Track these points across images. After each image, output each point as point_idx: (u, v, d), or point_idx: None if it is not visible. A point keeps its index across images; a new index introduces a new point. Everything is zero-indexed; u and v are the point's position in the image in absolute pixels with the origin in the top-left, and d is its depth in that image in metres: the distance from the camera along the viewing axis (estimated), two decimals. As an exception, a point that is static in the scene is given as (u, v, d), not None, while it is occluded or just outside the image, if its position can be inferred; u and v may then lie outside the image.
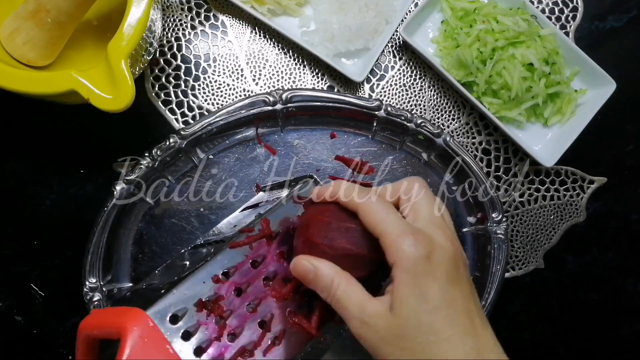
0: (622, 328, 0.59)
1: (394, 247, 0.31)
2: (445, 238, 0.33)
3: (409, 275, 0.30)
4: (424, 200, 0.34)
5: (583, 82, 0.55)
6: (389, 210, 0.33)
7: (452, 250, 0.32)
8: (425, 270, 0.31)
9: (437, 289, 0.31)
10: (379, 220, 0.32)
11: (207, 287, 0.36)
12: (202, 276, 0.36)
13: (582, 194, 0.58)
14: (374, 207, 0.33)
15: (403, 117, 0.51)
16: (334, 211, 0.35)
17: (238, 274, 0.38)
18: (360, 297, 0.32)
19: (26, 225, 0.51)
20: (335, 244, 0.34)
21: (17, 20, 0.45)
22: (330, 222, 0.35)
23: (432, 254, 0.31)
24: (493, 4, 0.54)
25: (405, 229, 0.32)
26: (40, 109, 0.50)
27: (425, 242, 0.31)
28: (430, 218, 0.33)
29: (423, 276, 0.31)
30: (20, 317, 0.50)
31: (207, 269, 0.37)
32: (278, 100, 0.49)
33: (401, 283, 0.31)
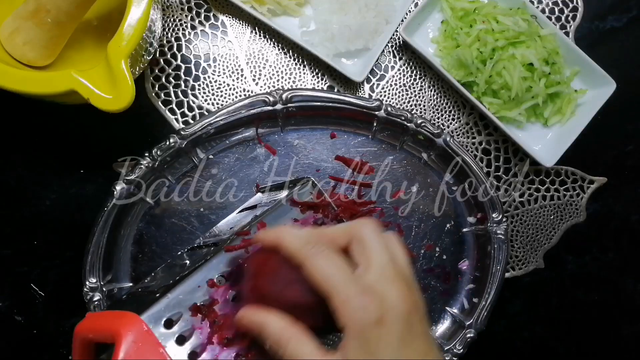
0: (622, 328, 0.59)
1: (342, 311, 0.29)
2: (398, 295, 0.30)
3: (359, 343, 0.29)
4: (376, 247, 0.32)
5: (583, 82, 0.55)
6: (336, 266, 0.31)
7: (405, 309, 0.30)
8: (376, 336, 0.29)
9: (390, 354, 0.29)
10: (325, 278, 0.30)
11: (202, 292, 0.36)
12: (198, 280, 0.36)
13: (582, 194, 0.58)
14: (319, 263, 0.31)
15: (403, 117, 0.51)
16: (279, 258, 0.33)
17: (233, 278, 0.38)
18: (313, 353, 0.30)
19: (26, 225, 0.51)
20: (284, 294, 0.32)
21: (17, 20, 0.45)
22: (279, 270, 0.33)
23: (383, 318, 0.29)
24: (493, 4, 0.54)
25: (353, 290, 0.30)
26: (40, 109, 0.50)
27: (375, 304, 0.29)
28: (383, 270, 0.31)
29: (374, 343, 0.29)
30: (20, 317, 0.50)
31: (202, 273, 0.37)
32: (278, 100, 0.49)
33: (351, 349, 0.29)
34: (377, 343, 0.29)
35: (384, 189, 0.52)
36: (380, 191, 0.52)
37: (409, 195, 0.53)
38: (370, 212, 0.52)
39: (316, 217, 0.44)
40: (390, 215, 0.52)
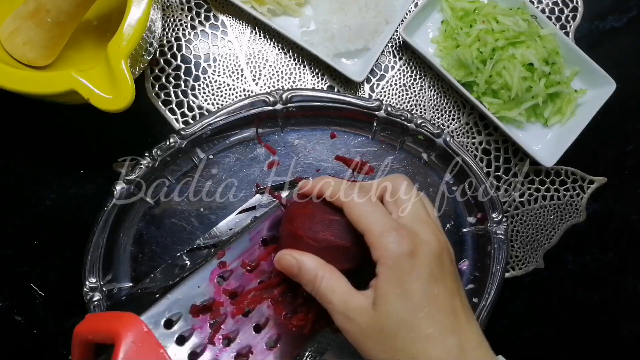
0: (622, 328, 0.59)
1: (377, 244, 0.31)
2: (430, 233, 0.32)
3: (391, 272, 0.31)
4: (409, 197, 0.34)
5: (583, 82, 0.55)
6: (374, 207, 0.33)
7: (437, 246, 0.32)
8: (408, 267, 0.31)
9: (419, 286, 0.31)
10: (364, 215, 0.32)
11: (201, 292, 0.36)
12: (197, 281, 0.36)
13: (582, 194, 0.58)
14: (358, 203, 0.33)
15: (403, 117, 0.51)
16: (317, 204, 0.36)
17: (233, 277, 0.38)
18: (344, 291, 0.32)
19: (26, 225, 0.51)
20: (319, 237, 0.34)
21: (17, 20, 0.45)
22: (314, 215, 0.35)
23: (415, 251, 0.31)
24: (493, 4, 0.54)
25: (389, 225, 0.32)
26: (40, 109, 0.50)
27: (409, 239, 0.31)
28: (416, 214, 0.33)
29: (406, 273, 0.31)
30: (20, 317, 0.50)
31: (201, 274, 0.37)
32: (278, 100, 0.49)
33: (384, 280, 0.31)
34: (409, 275, 0.30)
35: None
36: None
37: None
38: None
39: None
40: (390, 215, 0.52)
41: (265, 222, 0.41)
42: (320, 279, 0.32)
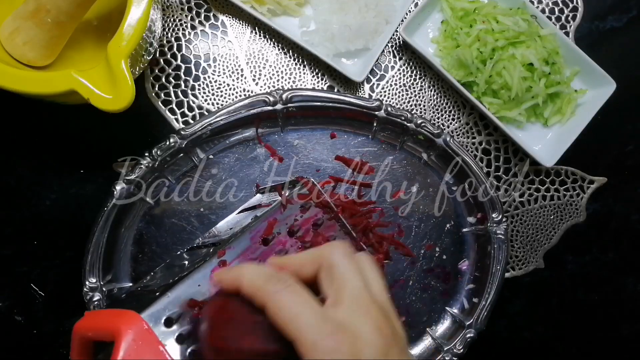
0: (622, 328, 0.59)
1: (311, 356, 0.26)
2: (373, 328, 0.28)
3: None
4: (347, 274, 0.30)
5: (583, 82, 0.55)
6: (302, 303, 0.28)
7: (382, 344, 0.28)
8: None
9: None
10: (290, 319, 0.27)
11: (201, 290, 0.36)
12: (197, 279, 0.36)
13: (582, 194, 0.58)
14: (283, 302, 0.28)
15: (403, 117, 0.51)
16: (237, 302, 0.30)
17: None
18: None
19: (26, 225, 0.51)
20: (242, 345, 0.29)
21: (17, 20, 0.45)
22: (235, 317, 0.30)
23: (357, 355, 0.27)
24: (493, 4, 0.54)
25: (322, 330, 0.27)
26: (40, 109, 0.50)
27: (348, 345, 0.27)
28: (355, 299, 0.29)
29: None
30: (20, 317, 0.50)
31: (202, 272, 0.37)
32: (278, 100, 0.49)
33: None
34: None
35: (384, 189, 0.52)
36: (380, 191, 0.52)
37: (409, 195, 0.53)
38: (370, 212, 0.52)
39: (317, 217, 0.44)
40: (390, 215, 0.52)
41: (265, 222, 0.41)
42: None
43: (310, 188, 0.45)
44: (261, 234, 0.41)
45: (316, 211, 0.44)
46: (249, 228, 0.41)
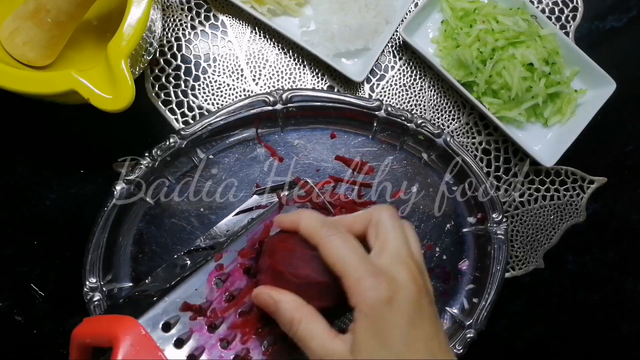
0: (622, 328, 0.59)
1: (354, 290, 0.30)
2: (409, 277, 0.31)
3: (369, 320, 0.30)
4: (392, 231, 0.33)
5: (583, 82, 0.55)
6: (350, 248, 0.32)
7: (415, 290, 0.31)
8: (386, 315, 0.30)
9: (398, 334, 0.30)
10: (339, 259, 0.31)
11: (199, 294, 0.36)
12: (194, 283, 0.36)
13: (582, 194, 0.58)
14: (334, 244, 0.32)
15: (403, 117, 0.51)
16: (298, 238, 0.34)
17: (230, 280, 0.38)
18: (322, 336, 0.31)
19: (26, 226, 0.51)
20: (299, 272, 0.33)
21: (17, 20, 0.45)
22: (295, 250, 0.34)
23: (393, 298, 0.30)
24: (493, 4, 0.54)
25: (366, 270, 0.30)
26: (40, 109, 0.50)
27: (387, 285, 0.30)
28: (396, 253, 0.32)
29: (383, 322, 0.30)
30: (20, 317, 0.50)
31: (199, 276, 0.37)
32: (278, 100, 0.49)
33: (361, 327, 0.30)
34: (387, 322, 0.30)
35: (384, 189, 0.52)
36: (380, 191, 0.52)
37: (409, 195, 0.53)
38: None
39: None
40: (390, 215, 0.52)
41: (262, 224, 0.41)
42: (298, 322, 0.31)
43: (307, 190, 0.45)
44: (258, 237, 0.41)
45: None
46: (247, 230, 0.41)
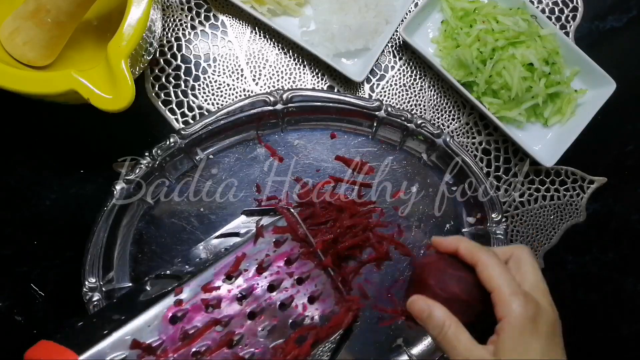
0: (622, 328, 0.59)
1: (505, 303, 0.34)
2: (549, 304, 0.36)
3: (516, 331, 0.34)
4: (531, 267, 0.37)
5: (583, 82, 0.55)
6: (504, 269, 0.36)
7: (554, 316, 0.36)
8: (530, 329, 0.34)
9: (539, 347, 0.34)
10: (495, 276, 0.35)
11: (151, 331, 0.35)
12: (149, 318, 0.35)
13: (582, 194, 0.58)
14: (492, 262, 0.36)
15: (403, 118, 0.51)
16: (450, 261, 0.39)
17: (188, 317, 0.37)
18: (468, 342, 0.35)
19: (26, 226, 0.51)
20: (448, 288, 0.38)
21: (17, 20, 0.45)
22: (446, 269, 0.39)
23: (537, 316, 0.34)
24: (493, 4, 0.54)
25: (516, 289, 0.35)
26: (40, 109, 0.50)
27: (533, 305, 0.35)
28: (537, 284, 0.37)
29: (527, 334, 0.34)
30: (20, 317, 0.50)
31: (155, 311, 0.36)
32: (278, 100, 0.49)
33: (508, 336, 0.34)
34: (531, 336, 0.34)
35: (384, 189, 0.52)
36: (380, 191, 0.52)
37: (409, 196, 0.53)
38: (370, 212, 0.52)
39: (292, 252, 0.43)
40: (390, 215, 0.52)
41: (234, 256, 0.40)
42: (448, 326, 0.36)
43: (289, 220, 0.43)
44: (227, 270, 0.40)
45: (292, 245, 0.43)
46: (214, 263, 0.40)
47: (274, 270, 0.41)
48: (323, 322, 0.42)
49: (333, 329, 0.42)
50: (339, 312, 0.42)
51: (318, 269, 0.43)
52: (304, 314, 0.41)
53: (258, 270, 0.41)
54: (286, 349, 0.39)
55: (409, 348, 0.51)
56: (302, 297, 0.42)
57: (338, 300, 0.43)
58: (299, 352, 0.39)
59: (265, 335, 0.39)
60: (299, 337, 0.40)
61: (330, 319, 0.42)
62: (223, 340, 0.38)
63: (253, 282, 0.40)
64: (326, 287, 0.43)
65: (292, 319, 0.41)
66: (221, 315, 0.38)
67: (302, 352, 0.40)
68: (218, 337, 0.38)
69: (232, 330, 0.38)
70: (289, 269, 0.42)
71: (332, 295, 0.43)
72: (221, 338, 0.38)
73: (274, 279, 0.41)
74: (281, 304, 0.41)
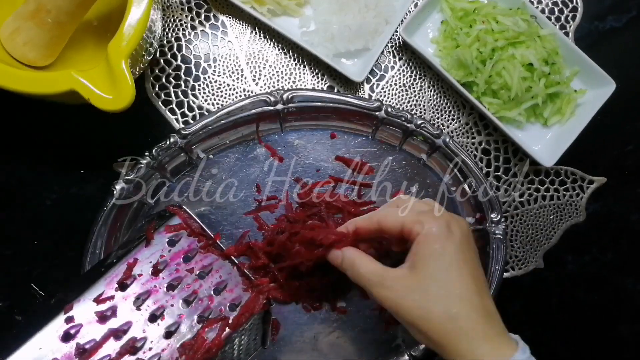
0: (622, 328, 0.59)
1: (417, 223, 0.36)
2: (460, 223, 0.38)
3: (431, 237, 0.36)
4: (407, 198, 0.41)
5: (583, 82, 0.55)
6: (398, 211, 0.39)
7: (466, 226, 0.38)
8: (446, 234, 0.36)
9: (454, 249, 0.36)
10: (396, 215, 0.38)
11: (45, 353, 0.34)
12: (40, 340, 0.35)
13: (581, 194, 0.58)
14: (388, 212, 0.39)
15: (403, 118, 0.51)
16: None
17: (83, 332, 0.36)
18: (379, 268, 0.37)
19: (26, 225, 0.51)
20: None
21: (17, 20, 0.45)
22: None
23: (450, 223, 0.37)
24: (493, 4, 0.54)
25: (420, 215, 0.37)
26: (40, 109, 0.51)
27: (445, 215, 0.37)
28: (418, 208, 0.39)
29: (443, 238, 0.36)
30: (20, 317, 0.50)
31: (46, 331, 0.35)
32: (279, 100, 0.49)
33: (423, 245, 0.36)
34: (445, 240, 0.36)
35: (383, 189, 0.52)
36: (380, 191, 0.52)
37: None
38: (370, 212, 0.52)
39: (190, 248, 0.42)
40: (390, 215, 0.52)
41: (125, 263, 0.39)
42: (359, 263, 0.38)
43: (182, 217, 0.43)
44: (118, 279, 0.39)
45: (189, 241, 0.42)
46: (104, 273, 0.39)
47: (173, 269, 0.41)
48: (233, 311, 0.41)
49: (245, 315, 0.41)
50: (249, 298, 0.42)
51: (221, 260, 0.42)
52: (210, 306, 0.40)
53: (154, 273, 0.40)
54: (196, 344, 0.39)
55: (409, 348, 0.51)
56: (207, 290, 0.41)
57: (248, 286, 0.42)
58: (212, 345, 0.39)
59: (170, 335, 0.39)
60: (208, 330, 0.39)
61: (241, 306, 0.41)
62: (124, 348, 0.37)
63: (150, 285, 0.40)
64: (232, 276, 0.42)
65: (199, 314, 0.40)
66: (119, 324, 0.38)
67: (214, 345, 0.39)
68: (119, 346, 0.37)
69: (134, 337, 0.38)
70: (188, 265, 0.41)
71: (240, 283, 0.42)
72: (122, 346, 0.37)
73: (173, 278, 0.41)
74: (184, 300, 0.40)
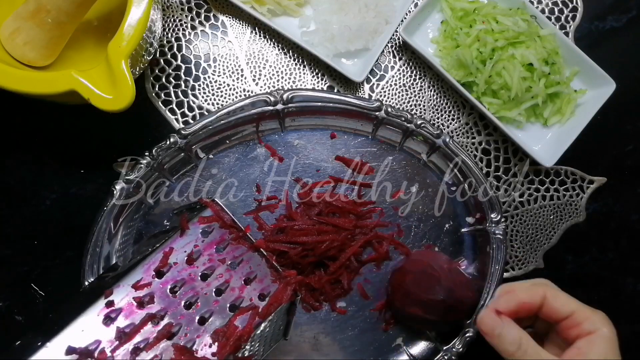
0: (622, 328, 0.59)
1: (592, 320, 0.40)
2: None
3: (610, 342, 0.39)
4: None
5: (583, 82, 0.55)
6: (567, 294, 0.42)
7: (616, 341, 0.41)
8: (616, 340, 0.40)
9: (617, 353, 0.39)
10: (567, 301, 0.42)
11: (87, 335, 0.35)
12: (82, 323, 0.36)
13: (581, 194, 0.58)
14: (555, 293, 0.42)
15: (403, 118, 0.51)
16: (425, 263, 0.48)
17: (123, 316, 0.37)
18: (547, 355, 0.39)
19: (26, 225, 0.51)
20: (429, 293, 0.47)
21: (17, 20, 0.45)
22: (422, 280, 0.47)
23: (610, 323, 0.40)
24: (493, 4, 0.54)
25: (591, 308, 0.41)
26: (40, 109, 0.51)
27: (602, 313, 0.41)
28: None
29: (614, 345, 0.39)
30: (20, 317, 0.50)
31: (87, 316, 0.36)
32: (279, 100, 0.49)
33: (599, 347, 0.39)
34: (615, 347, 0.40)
35: (383, 189, 0.52)
36: (380, 191, 0.52)
37: (409, 196, 0.53)
38: (370, 212, 0.52)
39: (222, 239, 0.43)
40: (390, 215, 0.52)
41: (161, 252, 0.41)
42: (527, 344, 0.40)
43: (214, 209, 0.44)
44: (155, 266, 0.40)
45: (221, 233, 0.43)
46: (143, 260, 0.40)
47: (206, 259, 0.42)
48: (262, 301, 0.43)
49: (274, 305, 0.42)
50: (277, 289, 0.43)
51: (251, 252, 0.44)
52: (241, 295, 0.42)
53: (188, 262, 0.42)
54: (228, 331, 0.40)
55: (409, 348, 0.51)
56: (238, 280, 0.42)
57: (276, 277, 0.43)
58: (242, 332, 0.40)
59: (204, 322, 0.40)
60: (240, 318, 0.41)
61: (270, 296, 0.43)
62: (161, 333, 0.38)
63: (185, 273, 0.41)
64: (261, 268, 0.43)
65: (230, 302, 0.41)
66: (156, 309, 0.39)
67: (245, 332, 0.40)
68: (156, 330, 0.38)
69: (170, 322, 0.39)
70: (220, 256, 0.42)
71: (269, 274, 0.43)
72: (159, 331, 0.38)
73: (207, 267, 0.42)
74: (217, 290, 0.41)
